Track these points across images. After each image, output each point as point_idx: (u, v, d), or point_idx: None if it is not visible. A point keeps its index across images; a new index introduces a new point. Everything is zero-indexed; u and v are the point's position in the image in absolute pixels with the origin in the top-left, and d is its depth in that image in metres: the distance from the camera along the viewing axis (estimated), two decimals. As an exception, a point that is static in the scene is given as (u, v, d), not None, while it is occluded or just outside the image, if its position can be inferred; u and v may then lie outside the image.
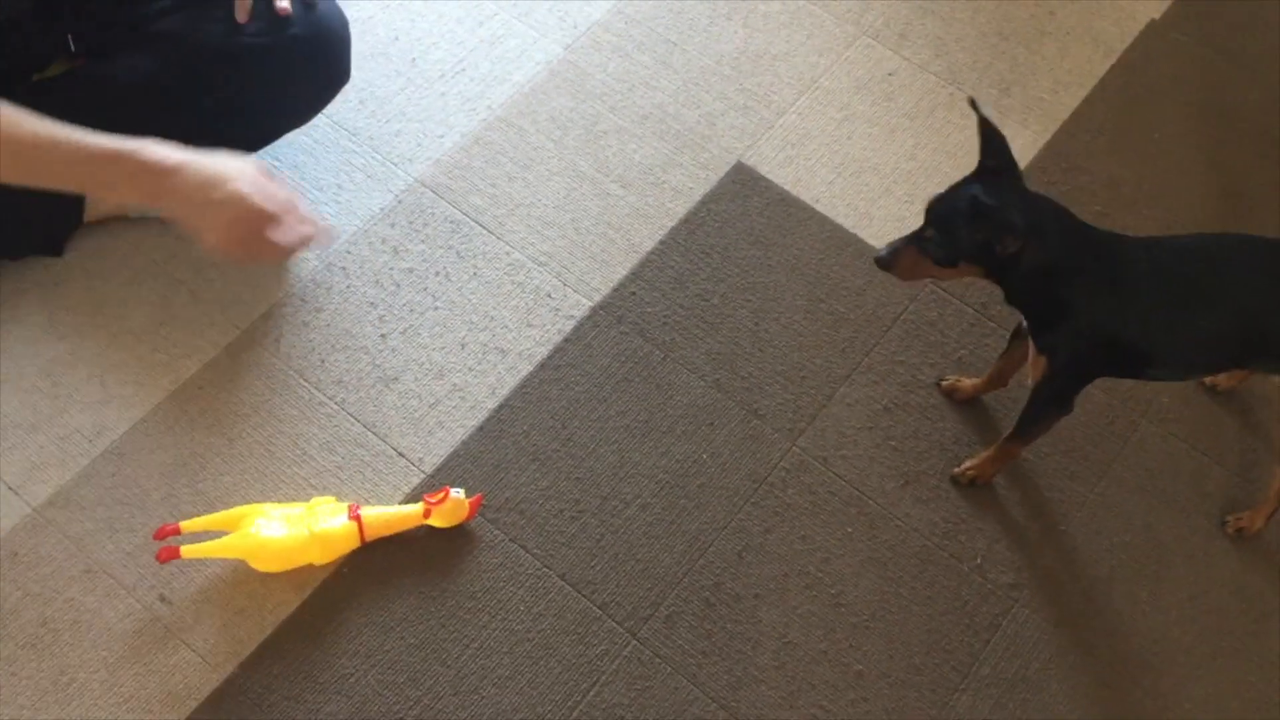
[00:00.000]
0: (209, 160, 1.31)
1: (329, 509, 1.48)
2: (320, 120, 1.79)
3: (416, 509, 1.49)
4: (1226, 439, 1.68)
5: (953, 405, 1.67)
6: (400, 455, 1.58)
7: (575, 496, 1.57)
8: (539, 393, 1.64)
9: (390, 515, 1.49)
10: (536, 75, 1.94)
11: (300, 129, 1.76)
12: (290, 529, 1.44)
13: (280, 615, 1.45)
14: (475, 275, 1.74)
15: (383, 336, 1.67)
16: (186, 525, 1.45)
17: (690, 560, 1.53)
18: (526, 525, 1.54)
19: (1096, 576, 1.57)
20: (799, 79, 1.98)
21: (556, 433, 1.61)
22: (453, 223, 1.78)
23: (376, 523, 1.48)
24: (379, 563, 1.49)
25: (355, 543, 1.48)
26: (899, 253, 1.39)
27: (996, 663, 1.50)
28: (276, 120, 1.70)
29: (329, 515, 1.46)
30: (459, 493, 1.50)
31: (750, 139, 1.90)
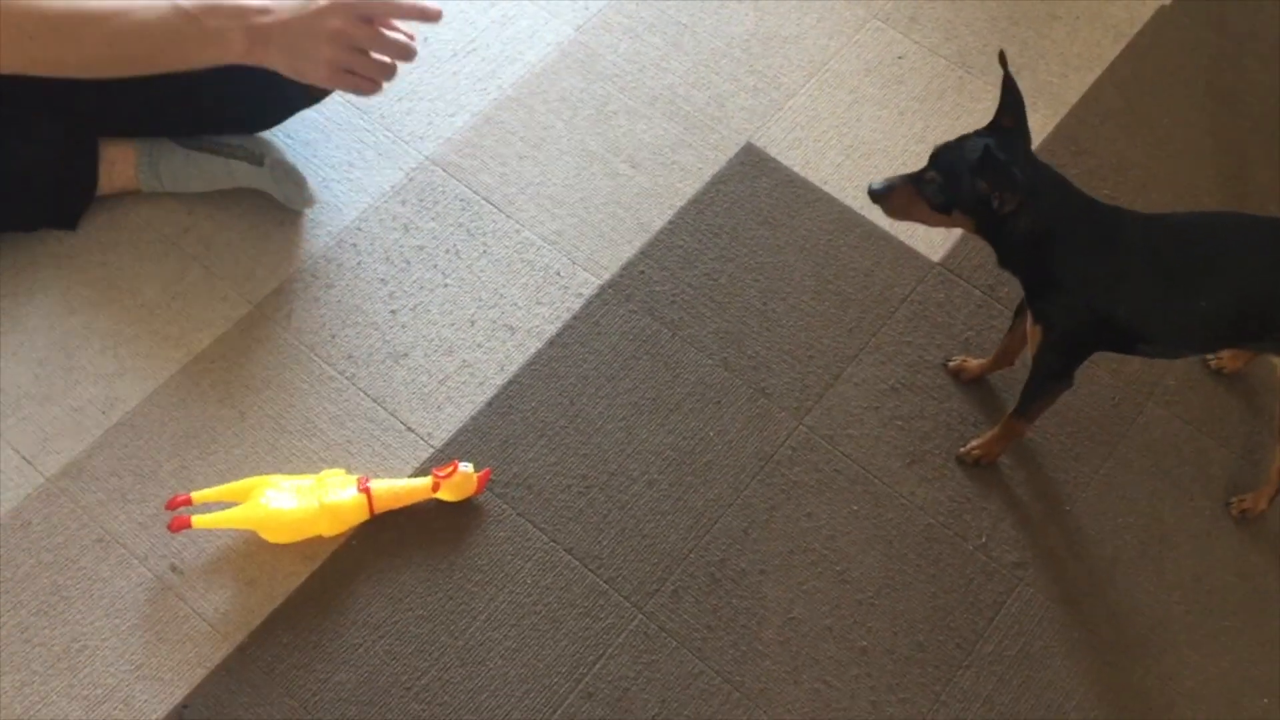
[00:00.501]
0: None
1: (339, 481, 1.49)
2: (333, 98, 1.80)
3: (425, 482, 1.50)
4: (1231, 421, 1.69)
5: (959, 385, 1.68)
6: (409, 430, 1.59)
7: (582, 472, 1.58)
8: (548, 369, 1.65)
9: (399, 488, 1.51)
10: (547, 55, 1.95)
11: (313, 106, 1.76)
12: (300, 501, 1.45)
13: (290, 586, 1.47)
14: (485, 253, 1.75)
15: (393, 313, 1.68)
16: (198, 496, 1.46)
17: (696, 536, 1.55)
18: (534, 500, 1.55)
19: (1100, 556, 1.58)
20: (809, 61, 1.98)
21: (565, 409, 1.62)
22: (463, 201, 1.79)
23: (386, 495, 1.49)
24: (388, 535, 1.51)
25: (364, 515, 1.49)
26: (895, 189, 1.40)
27: (1000, 640, 1.51)
28: (290, 98, 1.70)
29: (339, 487, 1.48)
30: (467, 467, 1.51)
31: (760, 120, 1.91)
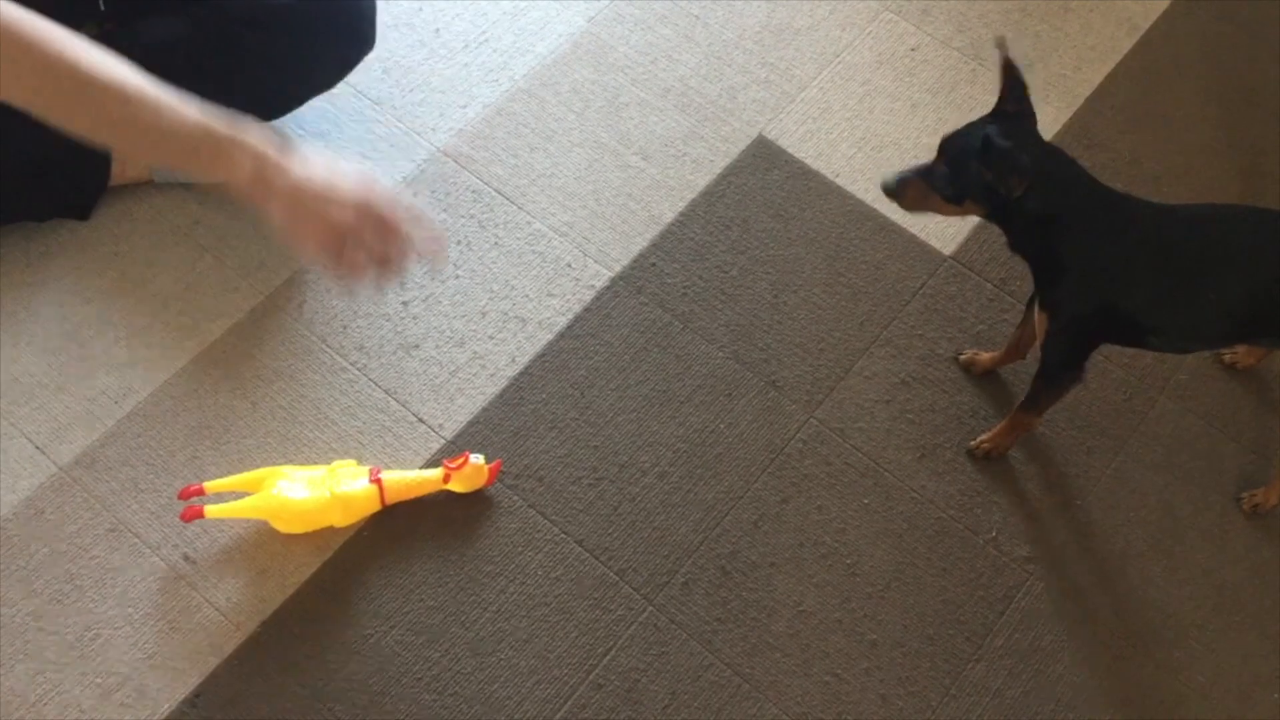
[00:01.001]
0: (319, 158, 1.10)
1: (350, 472, 1.49)
2: (344, 89, 1.80)
3: (436, 474, 1.51)
4: (1243, 417, 1.68)
5: (970, 379, 1.68)
6: (421, 421, 1.60)
7: (593, 464, 1.58)
8: (558, 361, 1.66)
9: (410, 479, 1.51)
10: (559, 47, 1.95)
11: (324, 96, 1.77)
12: (312, 491, 1.46)
13: (302, 576, 1.47)
14: (496, 244, 1.75)
15: (404, 304, 1.69)
16: (210, 486, 1.47)
17: (707, 529, 1.55)
18: (545, 491, 1.55)
19: (1111, 551, 1.58)
20: (821, 53, 1.98)
21: (575, 401, 1.63)
22: (474, 192, 1.79)
23: (397, 486, 1.50)
24: (399, 526, 1.51)
25: (376, 506, 1.50)
26: (907, 183, 1.41)
27: (1010, 634, 1.51)
28: (301, 86, 1.71)
29: (350, 478, 1.48)
30: (478, 458, 1.51)
31: (772, 113, 1.91)
